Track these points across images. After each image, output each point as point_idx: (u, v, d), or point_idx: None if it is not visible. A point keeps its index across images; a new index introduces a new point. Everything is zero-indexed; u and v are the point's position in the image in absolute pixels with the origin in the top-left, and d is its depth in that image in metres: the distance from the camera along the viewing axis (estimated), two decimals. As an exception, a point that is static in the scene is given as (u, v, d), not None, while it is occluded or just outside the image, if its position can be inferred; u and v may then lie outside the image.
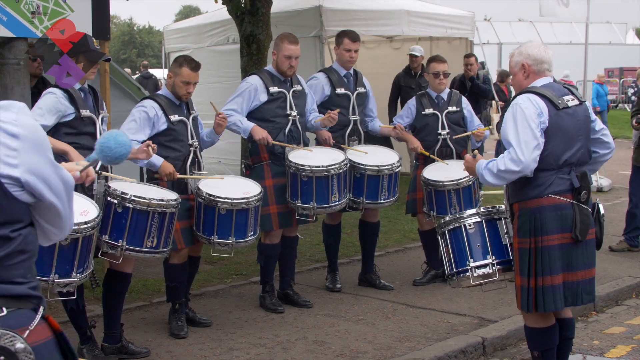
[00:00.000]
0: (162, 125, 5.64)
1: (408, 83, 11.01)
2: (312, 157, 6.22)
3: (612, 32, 38.38)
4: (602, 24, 38.10)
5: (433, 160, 7.01)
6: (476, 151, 4.90)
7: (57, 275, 4.48)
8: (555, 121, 4.40)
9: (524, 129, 4.34)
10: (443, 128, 7.10)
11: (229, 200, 5.57)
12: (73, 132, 5.04)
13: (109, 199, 5.01)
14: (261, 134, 6.17)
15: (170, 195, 5.32)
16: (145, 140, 5.48)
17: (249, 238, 5.75)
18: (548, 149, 4.38)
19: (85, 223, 4.51)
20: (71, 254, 4.50)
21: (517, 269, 4.56)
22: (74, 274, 4.56)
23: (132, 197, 5.04)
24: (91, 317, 5.48)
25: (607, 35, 37.06)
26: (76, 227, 4.45)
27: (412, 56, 10.94)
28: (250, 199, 5.65)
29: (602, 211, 4.69)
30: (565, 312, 4.72)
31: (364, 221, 7.21)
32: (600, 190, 12.45)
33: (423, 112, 7.16)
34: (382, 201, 6.62)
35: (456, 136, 7.05)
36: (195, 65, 5.71)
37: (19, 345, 2.15)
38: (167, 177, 5.55)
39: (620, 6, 59.38)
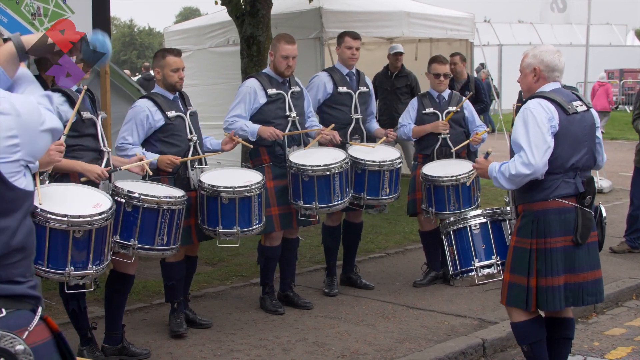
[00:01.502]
0: (159, 122, 5.66)
1: (383, 84, 10.87)
2: (313, 157, 6.22)
3: (612, 34, 38.39)
4: (602, 25, 38.10)
5: (432, 160, 7.01)
6: (490, 149, 4.92)
7: (72, 267, 4.47)
8: (565, 126, 4.45)
9: (534, 132, 4.39)
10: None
11: (231, 189, 5.59)
12: (75, 135, 5.05)
13: (116, 198, 5.02)
14: (268, 131, 6.19)
15: (177, 192, 5.35)
16: (145, 141, 5.63)
17: (254, 227, 5.75)
18: (556, 153, 4.42)
19: (99, 214, 4.51)
20: (85, 246, 4.49)
21: (509, 266, 4.62)
22: (90, 266, 4.54)
23: (140, 196, 5.07)
24: (91, 319, 5.48)
25: (607, 36, 37.06)
26: (89, 219, 4.46)
27: (395, 54, 10.53)
28: (252, 187, 5.67)
29: (604, 214, 4.75)
30: (565, 312, 4.74)
31: (347, 222, 7.20)
32: (600, 191, 12.43)
33: (424, 112, 7.18)
34: (383, 197, 6.60)
35: (456, 147, 7.04)
36: (177, 52, 5.82)
37: (19, 346, 2.16)
38: (169, 165, 5.55)
39: (620, 8, 59.35)
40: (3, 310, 2.21)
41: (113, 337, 5.39)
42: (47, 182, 4.83)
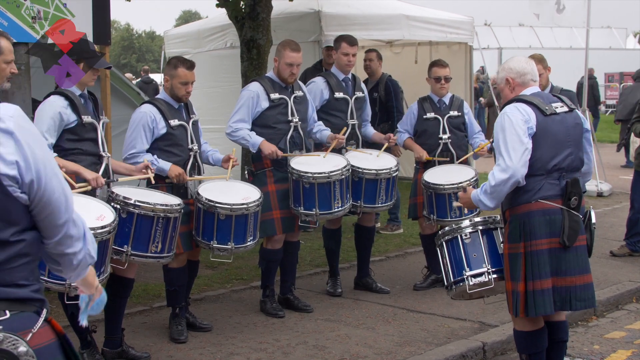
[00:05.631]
0: (162, 130, 5.64)
1: (308, 80, 10.07)
2: (314, 164, 6.22)
3: (612, 37, 38.43)
4: (602, 28, 38.15)
5: (433, 165, 7.02)
6: (465, 184, 4.95)
7: None
8: (543, 127, 4.46)
9: (511, 136, 4.42)
10: (444, 132, 7.11)
11: (229, 206, 5.58)
12: (75, 139, 5.06)
13: (112, 204, 5.02)
14: (270, 148, 6.18)
15: (173, 200, 5.33)
16: (148, 148, 5.62)
17: (248, 243, 5.75)
18: (536, 155, 4.44)
19: (102, 227, 4.51)
20: None
21: (507, 275, 4.60)
22: None
23: (136, 202, 5.06)
24: (91, 322, 5.47)
25: (607, 40, 37.10)
26: (92, 232, 4.44)
27: (329, 48, 8.80)
28: (250, 205, 5.65)
29: (593, 219, 4.72)
30: (558, 315, 4.74)
31: (359, 226, 7.22)
32: (600, 195, 12.45)
33: (424, 116, 7.17)
34: (379, 205, 6.64)
35: (461, 159, 7.03)
36: (190, 65, 5.76)
37: (22, 348, 2.15)
38: (177, 178, 5.54)
39: (620, 11, 59.39)
40: (7, 312, 2.21)
41: (113, 340, 5.38)
42: None
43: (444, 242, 5.16)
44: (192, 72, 5.74)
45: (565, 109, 4.59)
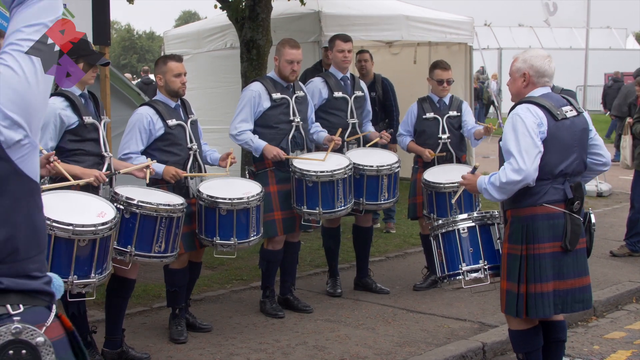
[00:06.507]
0: (160, 131, 5.65)
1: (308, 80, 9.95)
2: (316, 163, 6.23)
3: (612, 37, 38.44)
4: (602, 29, 38.16)
5: (432, 164, 7.01)
6: (477, 164, 4.93)
7: (76, 276, 4.49)
8: (554, 132, 4.43)
9: (524, 137, 4.36)
10: (444, 132, 7.10)
11: (229, 201, 5.59)
12: (77, 139, 5.06)
13: (115, 204, 5.02)
14: (272, 152, 6.19)
15: (176, 200, 5.34)
16: (145, 150, 5.64)
17: (252, 238, 5.75)
18: (545, 160, 4.41)
19: (103, 224, 4.53)
20: (89, 255, 4.53)
21: (504, 274, 4.61)
22: (93, 275, 4.57)
23: (139, 203, 5.07)
24: (91, 322, 5.48)
25: (607, 40, 37.11)
26: (93, 229, 4.49)
27: (327, 48, 8.04)
28: (251, 199, 5.66)
29: (593, 221, 4.72)
30: (556, 315, 4.74)
31: (357, 226, 7.22)
32: (600, 195, 12.45)
33: (424, 116, 7.16)
34: (382, 202, 6.63)
35: (483, 124, 6.92)
36: (178, 57, 5.84)
37: (39, 339, 2.16)
38: (173, 178, 5.55)
39: (620, 12, 59.40)
40: (21, 306, 2.21)
41: (113, 341, 5.38)
42: (46, 183, 4.84)
43: (439, 234, 5.17)
44: (182, 63, 5.78)
45: (574, 112, 4.55)
